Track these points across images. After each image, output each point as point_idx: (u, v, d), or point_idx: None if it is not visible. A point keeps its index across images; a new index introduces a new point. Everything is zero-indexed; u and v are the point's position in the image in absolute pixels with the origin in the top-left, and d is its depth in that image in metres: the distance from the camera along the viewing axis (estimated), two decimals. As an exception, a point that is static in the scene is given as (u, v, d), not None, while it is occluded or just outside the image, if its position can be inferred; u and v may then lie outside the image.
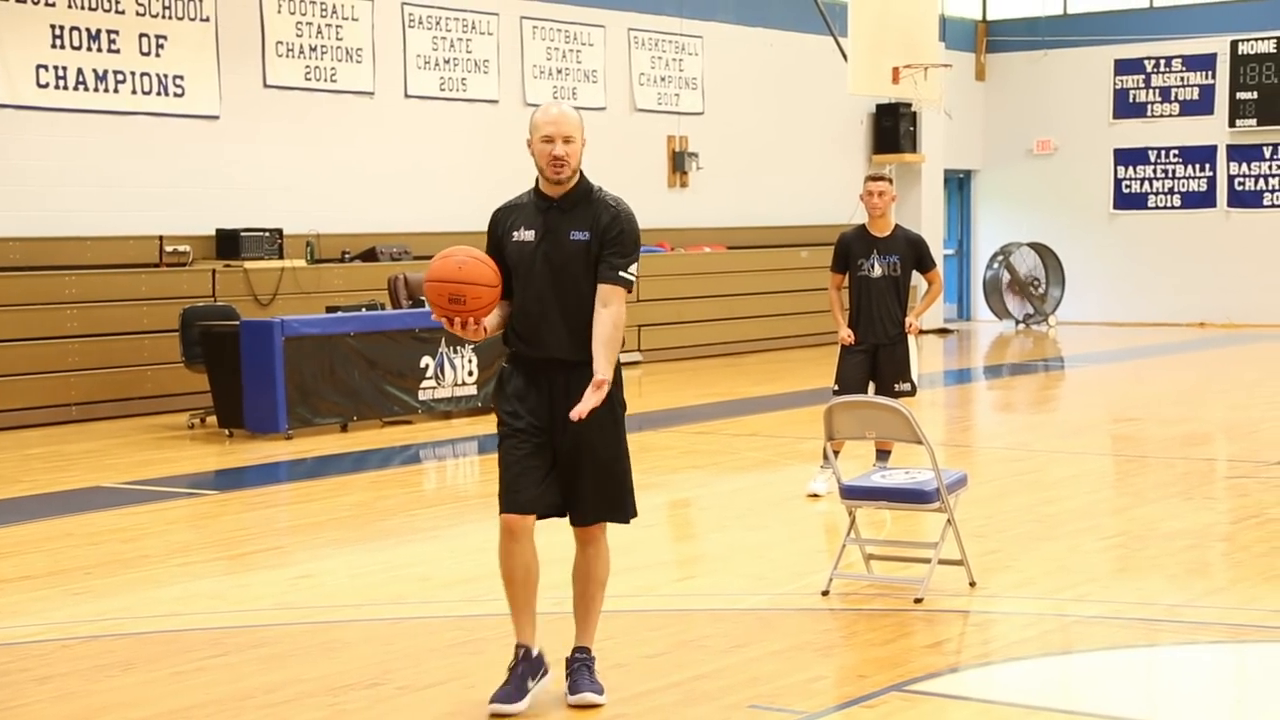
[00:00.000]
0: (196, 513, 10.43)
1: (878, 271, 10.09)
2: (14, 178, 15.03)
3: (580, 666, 5.76)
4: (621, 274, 5.62)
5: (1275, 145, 25.02)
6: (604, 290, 5.60)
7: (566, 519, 5.80)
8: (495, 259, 5.64)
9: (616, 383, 5.69)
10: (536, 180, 5.71)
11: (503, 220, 5.73)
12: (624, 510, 5.80)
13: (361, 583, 8.00)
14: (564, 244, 5.60)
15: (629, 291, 5.68)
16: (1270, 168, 25.13)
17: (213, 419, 13.88)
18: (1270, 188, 25.16)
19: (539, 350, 5.65)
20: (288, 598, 7.68)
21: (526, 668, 5.72)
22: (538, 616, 5.81)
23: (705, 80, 22.09)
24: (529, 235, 5.64)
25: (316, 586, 7.94)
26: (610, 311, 5.60)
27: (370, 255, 17.14)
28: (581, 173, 5.67)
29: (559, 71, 20.09)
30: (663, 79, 21.52)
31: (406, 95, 18.43)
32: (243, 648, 6.69)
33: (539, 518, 5.71)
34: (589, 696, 5.68)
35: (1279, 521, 9.14)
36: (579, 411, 5.49)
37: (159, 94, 15.98)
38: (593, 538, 5.78)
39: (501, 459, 5.71)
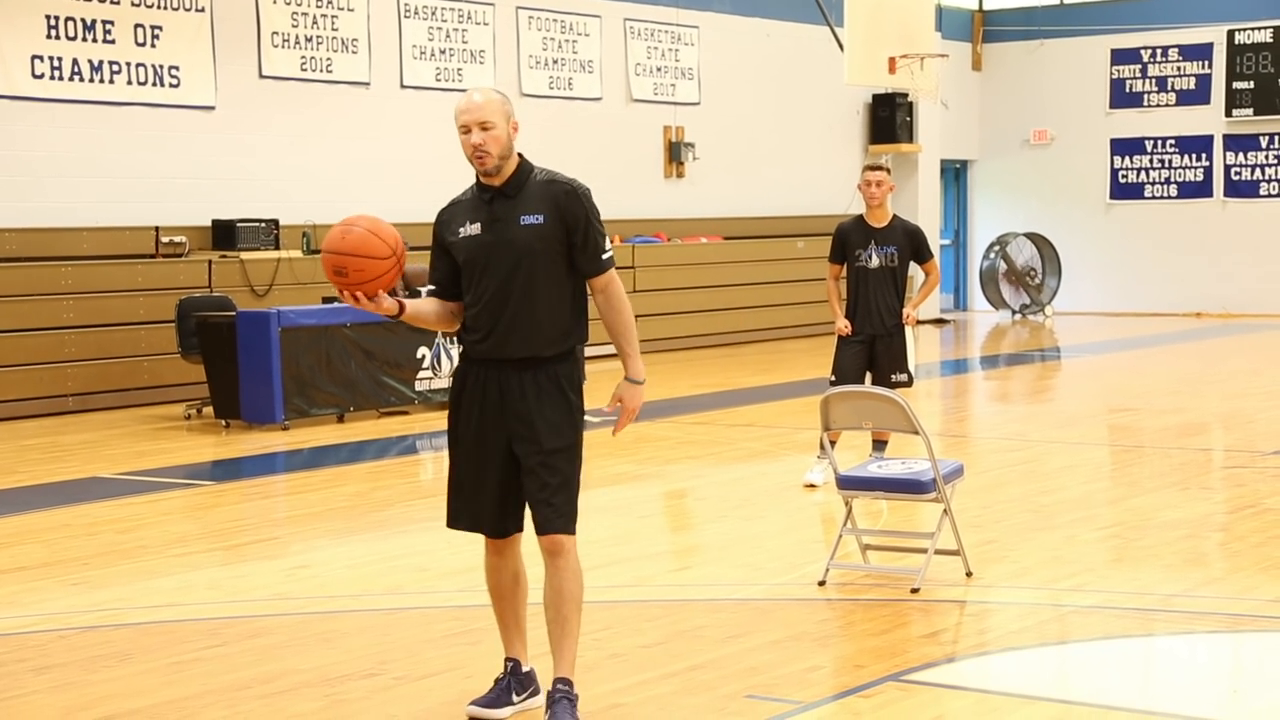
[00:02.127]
0: (193, 503, 10.43)
1: (875, 262, 10.08)
2: (9, 168, 15.01)
3: (561, 699, 5.29)
4: (604, 258, 5.35)
5: (1272, 135, 25.01)
6: (597, 281, 5.34)
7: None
8: (444, 259, 5.39)
9: (575, 377, 5.38)
10: (477, 173, 5.40)
11: (448, 219, 5.41)
12: (568, 516, 5.31)
13: (358, 573, 8.00)
14: (515, 231, 5.26)
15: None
16: (1266, 157, 25.12)
17: (209, 410, 13.88)
18: (1267, 177, 25.16)
19: (498, 350, 5.30)
20: (284, 588, 7.69)
21: (514, 682, 5.49)
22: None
23: (701, 70, 22.07)
24: (474, 229, 5.31)
25: (313, 577, 7.94)
26: (613, 295, 5.33)
27: (366, 246, 17.10)
28: (521, 156, 5.33)
29: (555, 62, 20.07)
30: (659, 69, 21.51)
31: (402, 86, 18.41)
32: (240, 638, 6.70)
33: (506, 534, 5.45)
34: None
35: (1275, 511, 9.14)
36: (627, 416, 5.37)
37: (154, 85, 15.96)
38: (558, 548, 5.29)
39: (453, 473, 5.42)
